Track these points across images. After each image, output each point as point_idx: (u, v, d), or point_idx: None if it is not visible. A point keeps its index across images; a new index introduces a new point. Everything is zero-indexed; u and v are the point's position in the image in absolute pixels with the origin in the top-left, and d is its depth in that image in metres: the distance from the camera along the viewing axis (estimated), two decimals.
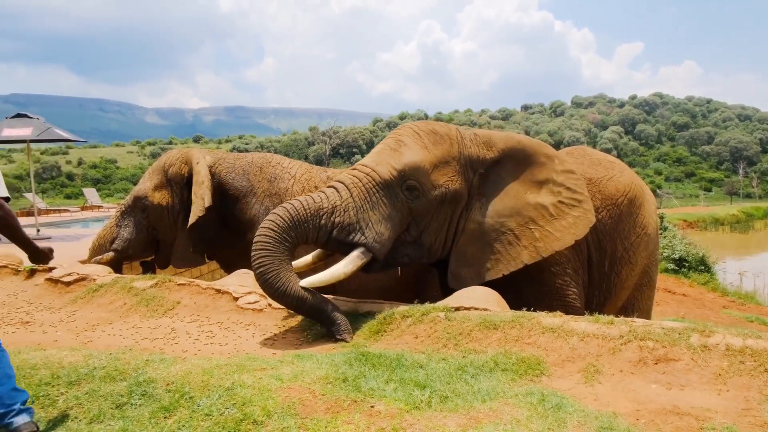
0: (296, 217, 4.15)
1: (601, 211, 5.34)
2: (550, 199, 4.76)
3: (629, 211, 5.50)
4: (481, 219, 4.72)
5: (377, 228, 4.35)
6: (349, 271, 4.26)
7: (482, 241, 4.70)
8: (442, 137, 4.71)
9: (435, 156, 4.60)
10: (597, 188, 5.41)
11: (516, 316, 3.72)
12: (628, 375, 3.07)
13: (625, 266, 5.50)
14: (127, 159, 71.25)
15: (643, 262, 5.72)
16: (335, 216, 4.28)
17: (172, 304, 4.95)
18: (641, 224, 5.57)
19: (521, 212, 4.72)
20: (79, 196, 45.27)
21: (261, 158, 6.38)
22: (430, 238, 4.64)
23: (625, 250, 5.47)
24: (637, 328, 3.36)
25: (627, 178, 5.64)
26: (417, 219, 4.56)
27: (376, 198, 4.41)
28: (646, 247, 5.65)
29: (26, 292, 5.78)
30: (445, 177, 4.59)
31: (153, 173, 6.35)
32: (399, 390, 2.84)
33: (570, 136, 74.73)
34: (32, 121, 11.82)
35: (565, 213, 4.75)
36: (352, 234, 4.30)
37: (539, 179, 4.82)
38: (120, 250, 6.28)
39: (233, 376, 2.98)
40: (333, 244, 4.37)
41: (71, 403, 2.89)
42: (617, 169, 5.70)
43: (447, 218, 4.68)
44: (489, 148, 4.82)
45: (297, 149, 68.68)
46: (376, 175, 4.46)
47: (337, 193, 4.38)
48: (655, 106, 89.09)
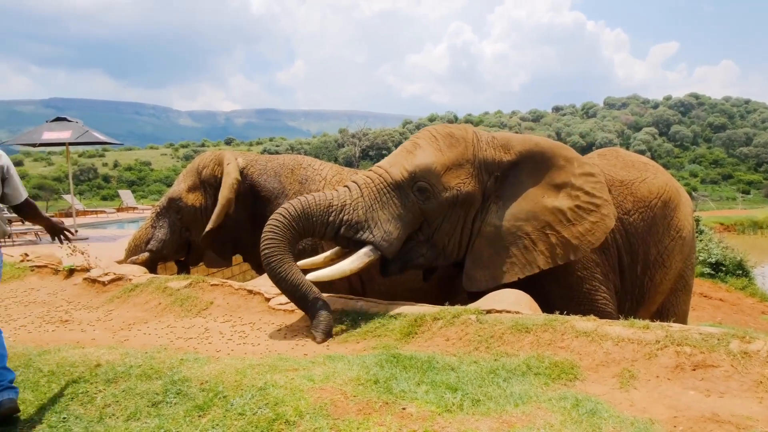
0: (306, 210, 4.38)
1: (633, 213, 5.25)
2: (567, 203, 4.70)
3: (663, 214, 5.38)
4: (497, 222, 4.69)
5: (386, 227, 4.45)
6: (355, 267, 4.38)
7: (498, 245, 4.68)
8: (457, 140, 4.74)
9: (448, 158, 4.64)
10: (629, 190, 5.32)
11: (548, 319, 3.67)
12: (664, 381, 3.01)
13: (659, 270, 5.40)
14: (161, 161, 72.52)
15: (678, 266, 5.60)
16: (344, 213, 4.44)
17: (205, 304, 5.02)
18: (676, 227, 5.46)
19: (538, 216, 4.68)
20: (114, 198, 46.26)
21: (292, 160, 6.43)
22: (443, 240, 4.68)
23: (659, 254, 5.36)
24: (674, 333, 3.29)
25: (661, 180, 5.53)
26: (429, 220, 4.61)
27: (387, 198, 4.52)
28: (681, 251, 5.53)
29: (65, 291, 5.93)
30: (458, 179, 4.61)
31: (187, 175, 6.45)
32: (430, 392, 2.83)
33: (602, 137, 73.59)
34: (71, 125, 12.14)
35: (583, 218, 4.69)
36: (360, 232, 4.43)
37: (557, 182, 4.76)
38: (155, 251, 6.39)
39: (266, 376, 3.01)
40: (342, 241, 4.52)
41: (109, 400, 2.96)
42: (651, 170, 5.59)
43: (460, 220, 4.69)
44: (507, 150, 4.79)
45: (327, 151, 69.03)
46: (388, 176, 4.59)
47: (348, 192, 4.55)
48: (690, 107, 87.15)
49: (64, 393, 3.06)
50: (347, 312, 4.44)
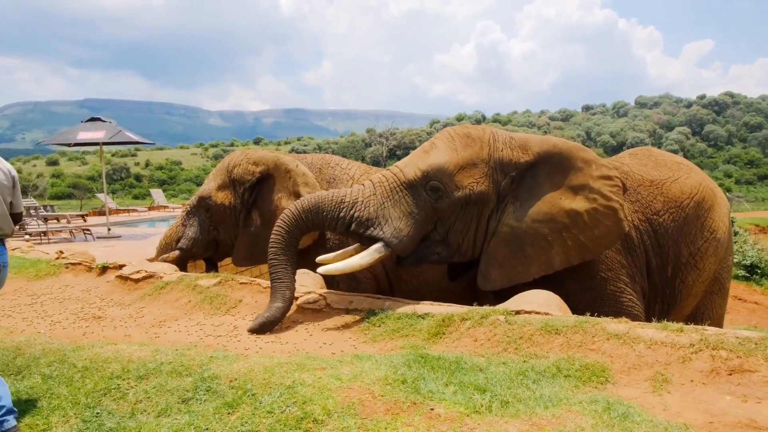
0: (317, 204, 4.59)
1: (663, 214, 5.17)
2: (584, 206, 4.67)
3: (696, 215, 5.27)
4: (514, 222, 4.70)
5: (396, 224, 4.56)
6: (365, 263, 4.53)
7: (514, 245, 4.69)
8: (473, 140, 4.79)
9: (461, 158, 4.70)
10: (659, 190, 5.24)
11: (579, 321, 3.62)
12: (699, 385, 2.94)
13: (691, 272, 5.29)
14: (191, 160, 73.51)
15: (712, 268, 5.47)
16: (355, 210, 4.59)
17: (234, 302, 5.07)
18: (710, 228, 5.33)
19: (555, 218, 4.67)
20: (146, 197, 47.05)
21: (320, 159, 6.46)
22: (456, 238, 4.73)
23: (691, 256, 5.25)
24: (709, 336, 3.21)
25: (695, 180, 5.41)
26: (442, 219, 4.68)
27: (399, 196, 4.63)
28: (715, 253, 5.40)
29: (98, 289, 6.05)
30: (471, 179, 4.66)
31: (217, 174, 6.51)
32: (459, 393, 2.81)
33: (633, 137, 72.37)
34: (105, 125, 12.38)
35: (599, 222, 4.66)
36: (370, 228, 4.57)
37: (575, 185, 4.73)
38: (185, 249, 6.48)
39: (294, 374, 3.03)
40: (354, 237, 4.70)
41: (140, 396, 3.00)
42: (684, 170, 5.48)
43: (474, 219, 4.72)
44: (525, 151, 4.79)
45: (354, 151, 69.21)
46: (402, 174, 4.70)
47: (362, 189, 4.70)
48: (725, 106, 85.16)
49: (97, 388, 3.12)
50: (374, 311, 4.44)
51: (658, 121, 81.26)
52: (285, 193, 6.07)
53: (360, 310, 4.55)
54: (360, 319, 4.42)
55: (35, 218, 12.71)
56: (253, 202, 6.27)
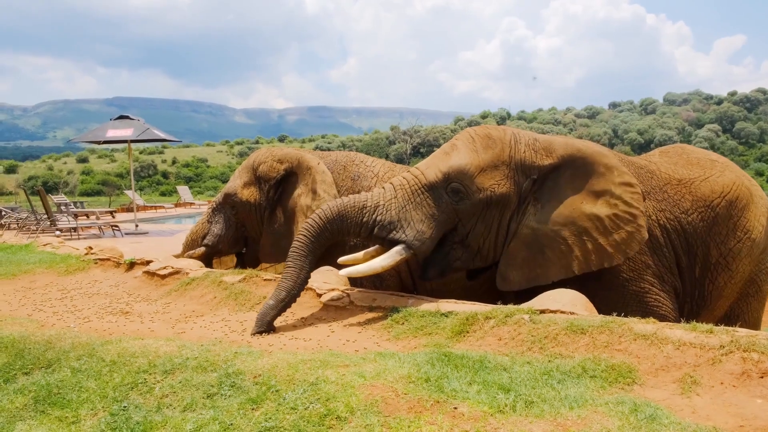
0: (340, 212, 4.58)
1: (692, 213, 5.07)
2: (606, 211, 4.62)
3: (728, 214, 5.15)
4: (535, 225, 4.67)
5: (419, 227, 4.56)
6: (387, 265, 4.54)
7: (534, 247, 4.66)
8: (494, 141, 4.77)
9: (483, 159, 4.68)
10: (687, 189, 5.14)
11: (605, 321, 3.57)
12: (729, 388, 2.87)
13: (721, 273, 5.16)
14: (217, 158, 74.29)
15: (746, 269, 5.31)
16: (377, 214, 4.59)
17: (258, 298, 5.11)
18: (744, 228, 5.19)
19: (576, 222, 4.63)
20: (173, 193, 47.70)
21: (345, 157, 6.47)
22: (477, 241, 4.71)
23: (721, 256, 5.13)
24: (740, 338, 3.13)
25: (728, 178, 5.28)
26: (463, 221, 4.66)
27: (420, 198, 4.62)
28: (750, 254, 5.25)
29: (126, 284, 6.15)
30: (492, 180, 4.64)
31: (242, 171, 6.57)
32: (482, 392, 2.79)
33: (661, 134, 71.19)
34: (133, 123, 12.58)
35: (619, 227, 4.60)
36: (393, 231, 4.56)
37: (597, 189, 4.68)
38: (210, 246, 6.54)
39: (317, 371, 3.04)
40: (377, 241, 4.68)
41: (166, 390, 3.04)
42: (718, 168, 5.35)
43: (495, 221, 4.70)
44: (548, 153, 4.75)
45: (378, 148, 69.26)
46: (423, 177, 4.69)
47: (383, 193, 4.70)
48: (757, 103, 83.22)
49: (125, 382, 3.17)
50: (398, 309, 4.44)
51: (687, 118, 79.77)
52: (305, 191, 6.11)
53: (383, 307, 4.55)
54: (383, 316, 4.42)
55: (66, 214, 12.97)
56: (278, 200, 6.31)
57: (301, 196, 6.10)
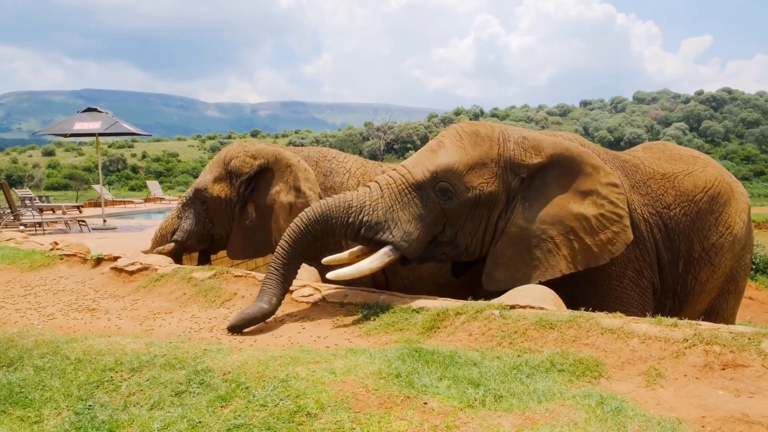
0: (325, 213, 4.44)
1: (674, 208, 5.11)
2: (592, 211, 4.63)
3: (710, 209, 5.19)
4: (523, 223, 4.64)
5: (406, 227, 4.46)
6: (374, 267, 4.43)
7: (521, 246, 4.64)
8: (482, 139, 4.69)
9: (471, 158, 4.60)
10: (671, 184, 5.18)
11: (574, 315, 3.62)
12: (692, 380, 2.94)
13: (704, 268, 5.21)
14: (188, 152, 73.40)
15: (728, 264, 5.36)
16: (363, 214, 4.46)
17: (229, 295, 5.06)
18: (725, 223, 5.25)
19: (563, 221, 4.62)
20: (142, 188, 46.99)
21: (317, 152, 6.44)
22: (465, 239, 4.65)
23: (704, 251, 5.17)
24: (703, 331, 3.21)
25: (710, 173, 5.34)
26: (451, 220, 4.58)
27: (408, 198, 4.52)
28: (731, 249, 5.30)
29: (93, 280, 6.03)
30: (480, 179, 4.57)
31: (213, 166, 6.49)
32: (452, 387, 2.80)
33: (631, 132, 72.43)
34: (101, 116, 12.33)
35: (605, 227, 4.62)
36: (380, 232, 4.45)
37: (583, 189, 4.68)
38: (180, 241, 6.46)
39: (288, 368, 3.02)
40: (363, 242, 4.55)
41: (133, 389, 3.00)
42: (700, 164, 5.42)
43: (483, 220, 4.65)
44: (537, 152, 4.70)
45: (352, 144, 69.14)
46: (410, 176, 4.58)
47: (369, 192, 4.56)
48: (722, 102, 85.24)
49: (90, 381, 3.11)
50: (369, 305, 4.43)
51: (656, 116, 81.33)
52: (284, 188, 6.05)
53: (355, 303, 4.55)
54: (355, 312, 4.42)
55: (30, 209, 12.66)
56: (249, 195, 6.25)
57: (281, 193, 6.04)
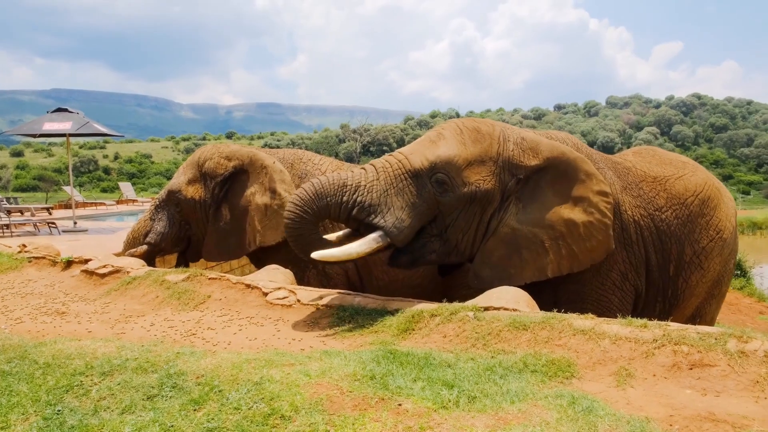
0: (320, 192, 4.36)
1: (665, 210, 5.13)
2: (582, 218, 4.64)
3: (701, 212, 5.23)
4: (515, 224, 4.63)
5: (399, 214, 4.39)
6: (362, 251, 4.36)
7: (511, 247, 4.63)
8: (483, 136, 4.66)
9: (471, 153, 4.56)
10: (662, 187, 5.21)
11: (546, 317, 3.66)
12: (661, 380, 3.00)
13: (694, 272, 5.24)
14: (162, 154, 72.48)
15: (716, 269, 5.40)
16: (357, 194, 4.38)
17: (203, 297, 5.01)
18: (716, 227, 5.28)
19: (554, 226, 4.64)
20: (115, 190, 46.28)
21: (292, 155, 6.42)
22: (456, 236, 4.61)
23: (695, 254, 5.20)
24: (672, 332, 3.28)
25: (700, 178, 5.40)
26: (444, 213, 4.54)
27: (403, 185, 4.45)
28: (720, 253, 5.34)
29: (63, 283, 5.92)
30: (478, 176, 4.53)
31: (187, 168, 6.43)
32: (427, 389, 2.82)
33: (604, 136, 73.50)
34: (72, 116, 12.11)
35: (592, 235, 4.65)
36: (372, 215, 4.38)
37: (575, 195, 4.69)
38: (153, 244, 6.38)
39: (262, 370, 3.00)
40: (353, 224, 4.48)
41: (104, 393, 2.95)
42: (689, 168, 5.49)
43: (476, 217, 4.61)
44: (535, 154, 4.69)
45: (328, 146, 68.98)
46: (408, 162, 4.51)
47: (364, 173, 4.49)
48: (692, 107, 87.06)
49: (59, 385, 3.05)
50: (344, 307, 4.43)
51: (628, 121, 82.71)
52: (260, 189, 6.02)
53: (330, 306, 4.54)
54: (330, 315, 4.41)
55: None
56: (224, 197, 6.20)
57: (256, 195, 6.01)
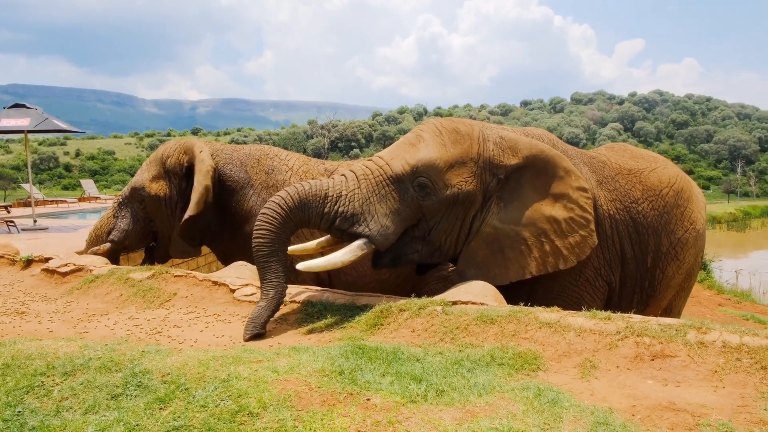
0: (303, 200, 4.24)
1: (642, 202, 5.20)
2: (563, 215, 4.68)
3: (676, 203, 5.32)
4: (497, 224, 4.64)
5: (383, 221, 4.35)
6: (347, 260, 4.31)
7: (495, 246, 4.64)
8: (462, 137, 4.64)
9: (451, 155, 4.53)
10: (637, 179, 5.29)
11: (513, 310, 3.71)
12: (624, 371, 3.07)
13: (671, 263, 5.31)
14: (125, 150, 71.06)
15: (690, 260, 5.47)
16: (339, 205, 4.31)
17: (168, 295, 4.94)
18: (690, 219, 5.37)
19: (536, 223, 4.66)
20: (76, 188, 45.21)
21: (259, 150, 6.36)
22: (439, 237, 4.60)
23: (671, 246, 5.27)
24: (634, 324, 3.35)
25: (672, 170, 5.52)
26: (427, 216, 4.52)
27: (386, 191, 4.41)
28: (694, 244, 5.42)
29: (22, 282, 5.77)
30: (459, 177, 4.52)
31: (150, 164, 6.32)
32: (395, 383, 2.83)
33: (569, 132, 74.67)
34: (30, 112, 11.77)
35: (574, 231, 4.68)
36: (355, 225, 4.32)
37: (555, 192, 4.72)
38: (117, 241, 6.27)
39: (229, 367, 2.98)
40: (336, 233, 4.41)
41: (66, 393, 2.88)
42: (661, 162, 5.60)
43: (459, 219, 4.61)
44: (514, 153, 4.69)
45: (295, 142, 68.55)
46: (389, 168, 4.47)
47: (345, 182, 4.41)
48: (654, 104, 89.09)
49: (19, 386, 2.97)
50: (313, 303, 4.42)
51: (593, 117, 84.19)
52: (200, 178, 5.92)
53: (298, 301, 4.52)
54: (298, 310, 4.39)
55: None
56: (185, 193, 6.13)
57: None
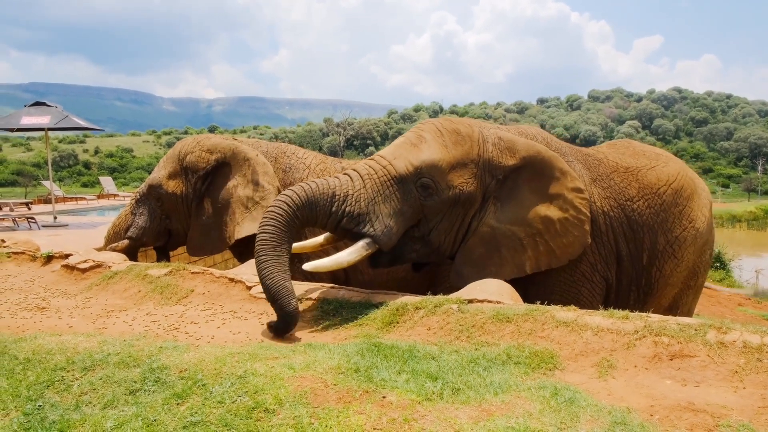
0: (310, 199, 4.25)
1: (637, 200, 5.20)
2: (558, 215, 4.75)
3: (674, 202, 5.30)
4: (494, 223, 4.71)
5: (387, 221, 4.39)
6: (352, 260, 4.35)
7: (491, 245, 4.71)
8: (463, 138, 4.69)
9: (453, 156, 4.59)
10: (634, 177, 5.28)
11: (529, 309, 3.69)
12: (642, 370, 3.04)
13: (668, 261, 5.30)
14: (143, 148, 71.74)
15: (691, 258, 5.45)
16: (346, 204, 4.34)
17: (185, 292, 4.98)
18: (689, 217, 5.35)
19: (531, 223, 4.73)
20: (95, 185, 45.72)
21: (276, 148, 6.38)
22: (439, 237, 4.67)
23: (668, 244, 5.26)
24: (653, 323, 3.32)
25: (673, 168, 5.47)
26: (428, 216, 4.58)
27: (390, 191, 4.45)
28: (694, 243, 5.39)
29: (43, 278, 5.85)
30: (461, 179, 4.59)
31: (168, 162, 6.36)
32: (411, 381, 2.83)
33: (586, 130, 74.09)
34: (50, 110, 11.93)
35: (568, 231, 4.76)
36: (361, 224, 4.36)
37: (551, 193, 4.78)
38: (134, 238, 6.32)
39: (246, 364, 2.99)
40: (341, 233, 4.45)
41: (86, 388, 2.92)
42: (663, 159, 5.55)
43: (458, 219, 4.68)
44: (512, 154, 4.77)
45: (311, 140, 68.74)
46: (392, 168, 4.50)
47: (350, 182, 4.43)
48: (673, 101, 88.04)
49: (40, 380, 3.02)
50: (329, 301, 4.43)
51: (610, 114, 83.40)
52: (242, 182, 5.97)
53: (315, 299, 4.54)
54: (315, 308, 4.41)
55: None
56: (206, 191, 6.15)
57: (238, 188, 5.96)
